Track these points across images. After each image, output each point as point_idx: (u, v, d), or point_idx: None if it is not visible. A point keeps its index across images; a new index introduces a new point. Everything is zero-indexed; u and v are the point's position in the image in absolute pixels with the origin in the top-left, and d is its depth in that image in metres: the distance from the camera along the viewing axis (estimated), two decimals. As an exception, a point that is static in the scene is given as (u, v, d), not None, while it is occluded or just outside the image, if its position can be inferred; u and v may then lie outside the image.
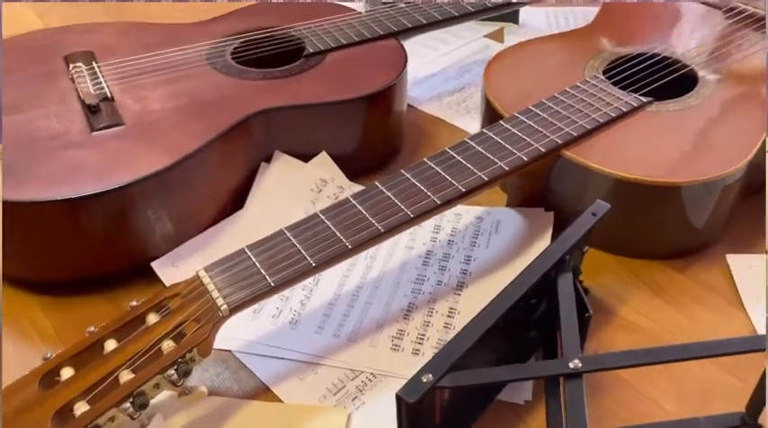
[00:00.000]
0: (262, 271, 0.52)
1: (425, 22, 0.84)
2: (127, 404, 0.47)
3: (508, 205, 0.70)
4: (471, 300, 0.62)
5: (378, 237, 0.55)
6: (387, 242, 0.63)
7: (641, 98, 0.67)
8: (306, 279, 0.54)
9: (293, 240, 0.54)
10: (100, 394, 0.48)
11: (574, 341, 0.45)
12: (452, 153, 0.62)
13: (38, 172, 0.60)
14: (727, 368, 0.55)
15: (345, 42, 0.79)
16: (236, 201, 0.70)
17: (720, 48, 0.74)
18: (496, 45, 1.02)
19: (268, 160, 0.73)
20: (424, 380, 0.42)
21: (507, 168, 0.60)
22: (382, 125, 0.77)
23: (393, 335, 0.59)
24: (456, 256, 0.66)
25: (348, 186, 0.73)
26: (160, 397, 0.51)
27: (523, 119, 0.65)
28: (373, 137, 0.76)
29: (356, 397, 0.54)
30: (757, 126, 0.64)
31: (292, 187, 0.72)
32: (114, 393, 0.48)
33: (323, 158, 0.74)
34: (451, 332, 0.59)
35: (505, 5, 0.90)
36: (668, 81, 0.72)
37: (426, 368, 0.43)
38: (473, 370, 0.44)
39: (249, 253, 0.54)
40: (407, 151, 0.82)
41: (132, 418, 0.48)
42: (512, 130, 0.64)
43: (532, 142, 0.62)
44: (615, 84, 0.71)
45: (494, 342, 0.50)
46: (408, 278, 0.64)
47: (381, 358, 0.57)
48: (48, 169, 0.60)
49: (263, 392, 0.55)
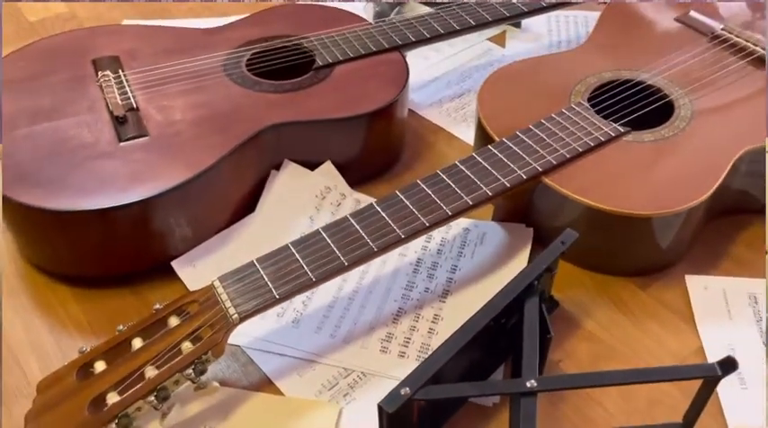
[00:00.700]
0: (269, 283, 0.59)
1: (428, 36, 0.89)
2: (151, 397, 0.56)
3: (494, 219, 0.77)
4: (454, 308, 0.69)
5: (372, 255, 0.62)
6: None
7: (619, 128, 0.72)
8: (307, 291, 0.61)
9: (297, 255, 0.61)
10: (129, 386, 0.56)
11: (532, 362, 0.53)
12: (443, 176, 0.68)
13: (72, 182, 0.67)
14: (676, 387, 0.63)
15: (352, 55, 0.85)
16: (248, 206, 0.77)
17: (700, 78, 0.79)
18: (498, 49, 1.07)
19: (278, 168, 0.79)
20: (402, 393, 0.50)
21: (491, 193, 0.67)
22: (383, 137, 0.83)
23: (382, 338, 0.67)
24: (443, 265, 0.73)
25: (349, 193, 0.80)
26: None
27: (510, 144, 0.71)
28: (375, 147, 0.82)
29: (347, 394, 0.62)
30: (722, 158, 0.70)
31: (299, 194, 0.79)
32: (141, 386, 0.56)
33: (327, 167, 0.80)
34: (435, 337, 0.67)
35: (507, 19, 0.95)
36: (651, 104, 0.78)
37: (405, 381, 0.51)
38: (445, 386, 0.52)
39: (258, 265, 0.61)
40: (407, 157, 0.88)
41: (156, 409, 0.56)
42: (498, 156, 0.70)
43: (516, 169, 0.68)
44: (599, 110, 0.77)
45: (468, 352, 0.58)
46: (399, 284, 0.72)
47: (371, 359, 0.65)
48: (80, 180, 0.67)
49: (267, 385, 0.63)
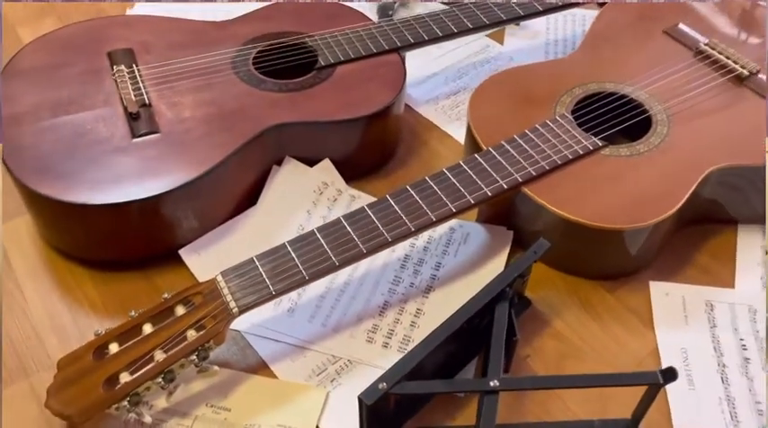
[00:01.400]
0: (266, 280, 0.66)
1: (426, 38, 0.93)
2: (159, 378, 0.63)
3: (478, 220, 0.82)
4: (435, 304, 0.75)
5: (361, 256, 0.68)
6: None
7: (597, 142, 0.77)
8: (301, 287, 0.67)
9: (293, 254, 0.67)
10: (139, 368, 0.63)
11: (497, 363, 0.59)
12: (431, 182, 0.73)
13: (89, 176, 0.73)
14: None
15: (353, 56, 0.89)
16: (250, 199, 0.83)
17: (680, 93, 0.84)
18: (496, 46, 1.11)
19: (279, 163, 0.85)
20: (380, 387, 0.57)
21: (473, 202, 0.72)
22: (379, 137, 0.88)
23: (369, 329, 0.73)
24: (429, 262, 0.79)
25: (345, 189, 0.85)
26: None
27: (495, 154, 0.76)
28: (371, 146, 0.88)
29: (334, 379, 0.69)
30: (691, 175, 0.75)
31: (298, 189, 0.84)
32: (151, 368, 0.63)
33: (326, 164, 0.86)
34: (416, 330, 0.73)
35: (504, 22, 0.98)
36: (632, 119, 0.82)
37: (383, 377, 0.57)
38: (417, 383, 0.58)
39: (257, 262, 0.67)
40: (402, 154, 0.93)
41: (163, 388, 0.63)
42: (483, 165, 0.75)
43: (498, 179, 0.74)
44: (583, 122, 0.81)
45: (444, 348, 0.64)
46: (387, 278, 0.78)
47: (357, 348, 0.71)
48: (97, 174, 0.73)
49: (263, 368, 0.70)
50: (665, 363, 0.70)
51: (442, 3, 1.16)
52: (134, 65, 0.85)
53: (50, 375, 0.64)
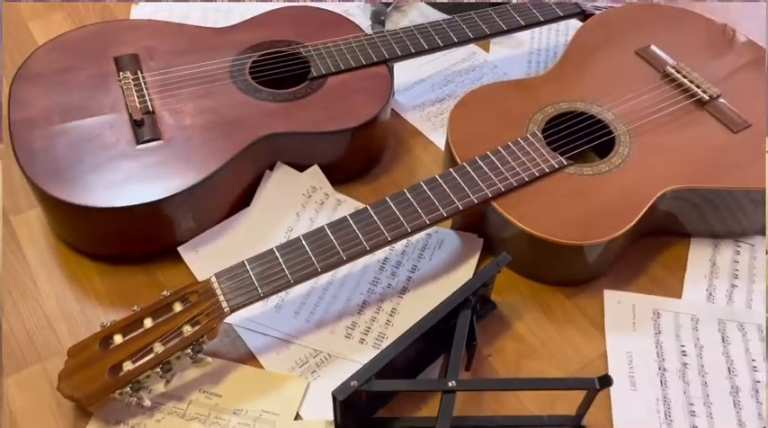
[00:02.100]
0: (255, 283, 0.73)
1: (413, 51, 0.99)
2: (158, 368, 0.70)
3: (452, 227, 0.89)
4: (409, 304, 0.83)
5: (342, 263, 0.75)
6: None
7: (563, 161, 0.84)
8: (286, 290, 0.75)
9: (280, 259, 0.74)
10: (140, 358, 0.71)
11: (456, 365, 0.66)
12: (408, 195, 0.80)
13: (96, 180, 0.80)
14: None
15: (344, 68, 0.95)
16: (244, 201, 0.90)
17: (644, 116, 0.89)
18: (482, 53, 1.16)
19: (272, 168, 0.91)
20: (351, 385, 0.64)
21: (446, 214, 0.79)
22: (365, 146, 0.94)
23: (348, 326, 0.81)
24: (405, 265, 0.86)
25: (332, 193, 0.92)
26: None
27: (468, 169, 0.82)
28: (357, 154, 0.94)
29: (314, 371, 0.77)
30: (645, 195, 0.81)
31: (288, 192, 0.91)
32: (150, 359, 0.70)
33: (314, 170, 0.92)
34: (390, 328, 0.81)
35: (488, 36, 1.03)
36: (598, 139, 0.89)
37: (355, 376, 0.65)
38: (384, 381, 0.66)
39: (248, 266, 0.74)
40: (387, 159, 1.00)
41: (161, 377, 0.71)
42: (457, 180, 0.82)
43: (469, 193, 0.80)
44: (553, 140, 0.87)
45: (413, 347, 0.72)
46: (366, 279, 0.85)
47: (337, 343, 0.79)
48: (103, 179, 0.80)
49: (251, 359, 0.78)
50: (612, 365, 0.78)
51: (428, 3, 1.22)
52: (139, 72, 0.91)
53: (61, 359, 0.72)
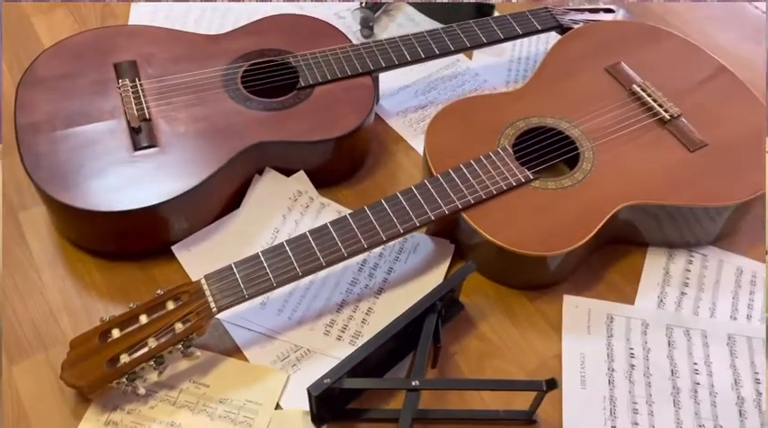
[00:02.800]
0: (241, 285, 0.79)
1: (397, 63, 1.04)
2: (152, 361, 0.77)
3: (427, 232, 0.95)
4: (384, 304, 0.89)
5: (321, 268, 0.82)
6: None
7: (530, 175, 0.89)
8: (269, 292, 0.81)
9: (264, 264, 0.81)
10: (136, 351, 0.77)
11: (420, 366, 0.73)
12: (385, 205, 0.86)
13: (97, 185, 0.86)
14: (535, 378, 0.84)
15: (330, 78, 1.00)
16: (234, 203, 0.96)
17: (608, 133, 0.95)
18: (465, 61, 1.21)
19: (260, 172, 0.97)
20: (325, 382, 0.71)
21: (419, 224, 0.85)
22: (348, 153, 1.00)
23: (327, 323, 0.87)
24: (383, 267, 0.93)
25: (317, 197, 0.98)
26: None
27: (441, 181, 0.88)
28: (341, 160, 1.00)
29: (295, 365, 0.84)
30: (603, 210, 0.87)
31: (276, 196, 0.97)
32: (145, 353, 0.77)
33: (300, 175, 0.98)
34: (366, 326, 0.87)
35: (469, 48, 1.08)
36: (565, 154, 0.94)
37: (328, 374, 0.72)
38: (355, 379, 0.73)
39: (235, 269, 0.80)
40: (370, 164, 1.05)
41: (154, 369, 0.78)
42: (430, 191, 0.88)
43: (441, 204, 0.86)
44: (523, 155, 0.93)
45: (385, 346, 0.78)
46: (346, 279, 0.91)
47: (316, 339, 0.86)
48: (103, 184, 0.86)
49: (237, 352, 0.85)
50: (565, 365, 0.85)
51: (413, 4, 1.26)
52: (137, 79, 0.96)
53: (64, 348, 0.78)
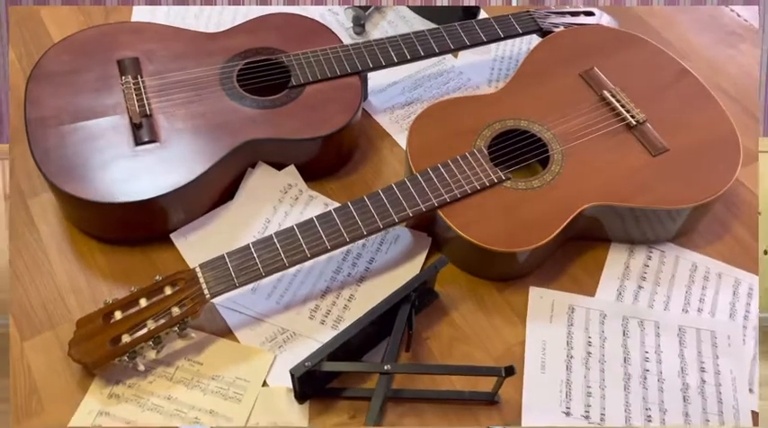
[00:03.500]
0: (232, 274, 0.86)
1: (384, 64, 1.09)
2: (150, 341, 0.84)
3: (406, 226, 1.01)
4: (365, 292, 0.96)
5: (306, 260, 0.88)
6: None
7: (502, 176, 0.95)
8: (259, 281, 0.87)
9: (254, 255, 0.87)
10: (136, 332, 0.84)
11: (393, 351, 0.80)
12: (367, 201, 0.92)
13: (101, 177, 0.92)
14: (499, 363, 0.91)
15: (320, 77, 1.05)
16: (228, 194, 1.02)
17: (578, 137, 1.00)
18: (450, 59, 1.26)
19: (253, 166, 1.03)
20: (306, 365, 0.78)
21: (397, 220, 0.91)
22: (336, 149, 1.06)
23: (311, 309, 0.94)
24: (365, 256, 0.99)
25: (306, 190, 1.04)
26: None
27: (420, 180, 0.94)
28: (329, 156, 1.06)
29: (281, 346, 0.90)
30: (568, 210, 0.93)
31: (267, 188, 1.03)
32: (144, 334, 0.84)
33: (291, 169, 1.04)
34: (347, 312, 0.94)
35: (452, 50, 1.13)
36: (537, 156, 1.00)
37: (309, 357, 0.79)
38: (333, 363, 0.80)
39: (227, 259, 0.87)
40: (357, 158, 1.11)
41: (152, 348, 0.85)
42: (409, 189, 0.94)
43: (419, 202, 0.92)
44: (498, 155, 0.99)
45: (363, 332, 0.85)
46: (330, 268, 0.98)
47: (301, 323, 0.93)
48: (107, 176, 0.92)
49: (229, 333, 0.92)
50: (528, 351, 0.92)
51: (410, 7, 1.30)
52: (139, 76, 1.02)
53: (71, 326, 0.86)
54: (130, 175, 0.93)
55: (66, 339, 0.85)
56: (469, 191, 0.95)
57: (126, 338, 0.85)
